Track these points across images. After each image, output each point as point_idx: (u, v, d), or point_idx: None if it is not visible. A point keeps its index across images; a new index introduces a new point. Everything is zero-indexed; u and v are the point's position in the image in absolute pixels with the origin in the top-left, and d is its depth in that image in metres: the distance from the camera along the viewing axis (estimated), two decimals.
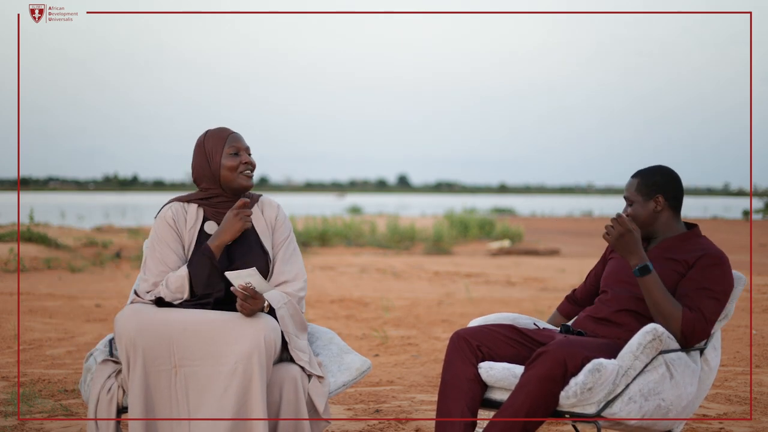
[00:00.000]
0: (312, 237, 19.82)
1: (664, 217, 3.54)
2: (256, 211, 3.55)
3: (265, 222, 3.54)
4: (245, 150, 3.51)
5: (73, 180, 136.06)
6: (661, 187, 3.52)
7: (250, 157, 3.52)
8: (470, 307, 9.25)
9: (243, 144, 3.51)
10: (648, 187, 3.52)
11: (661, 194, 3.52)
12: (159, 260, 3.42)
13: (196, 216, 3.50)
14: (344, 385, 3.50)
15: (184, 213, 3.50)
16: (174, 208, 3.50)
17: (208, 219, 3.50)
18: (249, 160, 3.50)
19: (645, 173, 3.55)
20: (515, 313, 3.77)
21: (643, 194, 3.52)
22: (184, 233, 3.47)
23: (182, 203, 3.53)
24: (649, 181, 3.53)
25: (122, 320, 3.22)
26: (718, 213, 42.70)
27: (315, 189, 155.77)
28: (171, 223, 3.46)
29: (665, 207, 3.53)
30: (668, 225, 3.54)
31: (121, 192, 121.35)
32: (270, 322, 3.22)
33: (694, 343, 3.35)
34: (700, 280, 3.38)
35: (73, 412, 4.62)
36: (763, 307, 8.21)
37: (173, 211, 3.49)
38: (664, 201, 3.52)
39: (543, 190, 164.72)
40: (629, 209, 3.55)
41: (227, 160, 3.47)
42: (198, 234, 3.47)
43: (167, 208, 3.50)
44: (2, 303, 8.76)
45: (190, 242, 3.45)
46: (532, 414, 3.14)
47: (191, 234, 3.47)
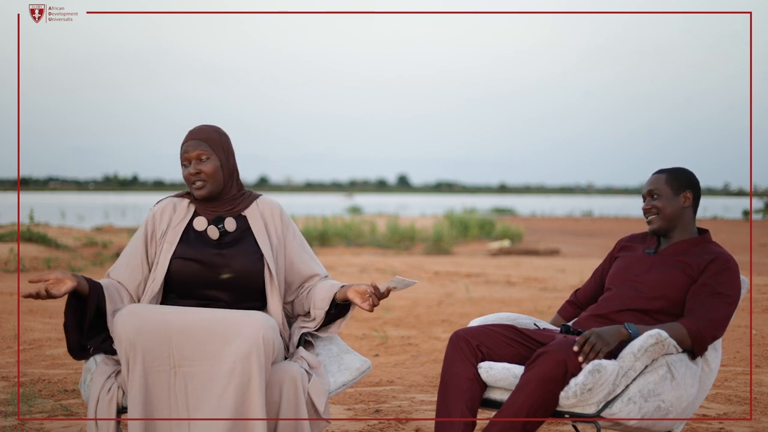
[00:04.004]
0: (312, 237, 19.81)
1: (687, 216, 3.54)
2: (253, 211, 3.54)
3: (264, 222, 3.52)
4: (195, 158, 3.41)
5: (73, 180, 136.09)
6: (689, 183, 3.54)
7: (205, 162, 3.40)
8: (470, 307, 9.24)
9: (192, 152, 3.40)
10: (678, 182, 3.53)
11: (690, 190, 3.53)
12: (128, 254, 3.48)
13: (186, 212, 3.50)
14: (344, 384, 3.50)
15: (173, 209, 3.50)
16: (164, 204, 3.52)
17: (199, 215, 3.50)
18: (196, 170, 3.40)
19: (672, 170, 3.56)
20: (515, 313, 3.77)
21: (673, 188, 3.52)
22: (167, 231, 3.46)
23: (175, 199, 3.53)
24: (678, 175, 3.54)
25: (121, 321, 3.22)
26: (718, 213, 42.68)
27: (315, 189, 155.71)
28: (150, 221, 3.48)
29: (691, 205, 3.54)
30: (686, 226, 3.55)
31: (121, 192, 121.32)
32: (268, 321, 3.21)
33: (706, 348, 3.37)
34: (713, 285, 3.39)
35: (73, 412, 4.62)
36: (763, 307, 8.21)
37: (161, 207, 3.51)
38: (692, 198, 3.53)
39: (543, 190, 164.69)
40: (654, 201, 3.54)
41: (182, 170, 3.46)
42: (185, 229, 3.46)
43: (158, 205, 3.52)
44: (2, 303, 8.77)
45: (174, 238, 3.44)
46: (533, 414, 3.14)
47: (177, 230, 3.46)
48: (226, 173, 3.46)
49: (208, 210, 3.49)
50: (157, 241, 3.47)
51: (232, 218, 3.48)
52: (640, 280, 3.50)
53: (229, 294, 3.40)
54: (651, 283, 3.48)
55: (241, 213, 3.51)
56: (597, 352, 3.18)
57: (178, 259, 3.40)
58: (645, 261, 3.57)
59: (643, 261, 3.57)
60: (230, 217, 3.48)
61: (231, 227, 3.47)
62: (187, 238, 3.44)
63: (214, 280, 3.39)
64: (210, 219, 3.47)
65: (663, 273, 3.48)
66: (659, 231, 3.55)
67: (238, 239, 3.45)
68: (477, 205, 34.63)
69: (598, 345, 3.19)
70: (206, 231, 3.45)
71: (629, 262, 3.60)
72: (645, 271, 3.54)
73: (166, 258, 3.41)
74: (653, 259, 3.55)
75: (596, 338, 3.20)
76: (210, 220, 3.47)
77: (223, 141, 3.48)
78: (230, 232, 3.46)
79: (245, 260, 3.41)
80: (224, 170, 3.45)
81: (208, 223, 3.46)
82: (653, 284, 3.47)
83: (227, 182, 3.48)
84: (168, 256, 3.41)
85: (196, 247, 3.42)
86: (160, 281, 3.40)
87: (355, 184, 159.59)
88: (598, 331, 3.22)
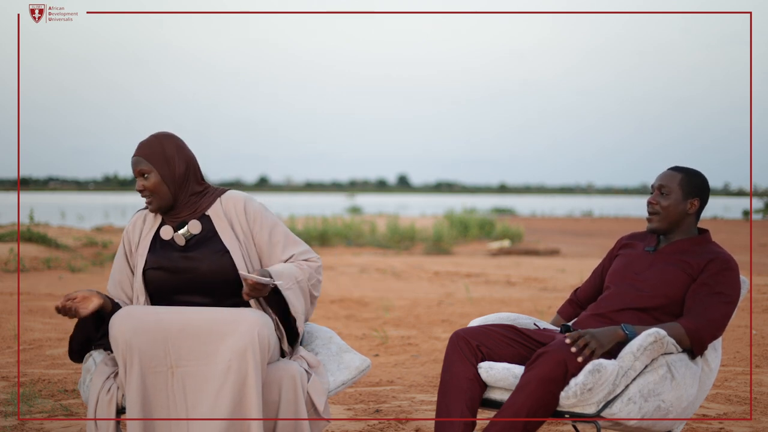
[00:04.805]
0: (312, 237, 19.82)
1: (689, 221, 3.54)
2: (216, 209, 3.50)
3: (228, 219, 3.48)
4: (138, 174, 3.43)
5: (73, 180, 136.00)
6: (700, 191, 3.53)
7: (147, 178, 3.41)
8: (470, 307, 9.24)
9: (135, 169, 3.43)
10: (690, 186, 3.51)
11: (698, 198, 3.52)
12: (116, 271, 3.52)
13: (154, 222, 3.51)
14: (344, 383, 3.50)
15: (143, 222, 3.53)
16: (135, 217, 3.55)
17: (165, 224, 3.50)
18: (141, 186, 3.42)
19: (689, 171, 3.54)
20: (515, 313, 3.77)
21: (684, 191, 3.51)
22: (139, 242, 3.49)
23: (145, 211, 3.55)
24: (693, 180, 3.52)
25: (117, 322, 3.21)
26: (718, 213, 42.68)
27: (315, 189, 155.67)
28: (125, 237, 3.52)
29: (695, 213, 3.53)
30: (687, 228, 3.55)
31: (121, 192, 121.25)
32: (263, 318, 3.21)
33: (705, 348, 3.37)
34: (712, 285, 3.39)
35: (73, 412, 4.62)
36: (763, 307, 8.21)
37: (133, 222, 3.54)
38: (698, 206, 3.53)
39: (543, 190, 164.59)
40: (662, 199, 3.53)
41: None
42: (153, 239, 3.47)
43: (131, 220, 3.56)
44: (2, 303, 8.77)
45: (145, 249, 3.46)
46: (533, 414, 3.14)
47: (146, 240, 3.48)
48: (171, 184, 3.43)
49: (172, 217, 3.49)
50: (133, 254, 3.50)
51: (195, 220, 3.46)
52: (640, 278, 3.50)
53: (204, 296, 3.39)
54: (651, 282, 3.48)
55: (204, 213, 3.50)
56: (592, 351, 3.18)
57: (149, 270, 3.42)
58: (645, 259, 3.57)
59: (643, 259, 3.57)
60: (194, 220, 3.47)
61: (196, 229, 3.45)
62: (155, 247, 3.46)
63: (186, 285, 3.39)
64: (174, 226, 3.48)
65: (663, 271, 3.48)
66: (657, 231, 3.56)
67: (203, 240, 3.44)
68: (477, 205, 34.64)
69: (592, 345, 3.18)
70: (173, 239, 3.45)
71: (629, 260, 3.60)
72: (645, 269, 3.53)
73: (139, 270, 3.44)
74: (653, 257, 3.55)
75: (590, 338, 3.20)
76: (174, 227, 3.47)
77: (166, 150, 3.44)
78: (196, 234, 3.46)
79: (211, 260, 3.39)
80: (168, 182, 3.42)
81: (174, 230, 3.47)
82: (653, 283, 3.47)
83: (177, 190, 3.45)
84: (140, 268, 3.44)
85: (162, 254, 3.42)
86: (143, 294, 3.42)
87: (355, 184, 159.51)
88: (593, 332, 3.22)
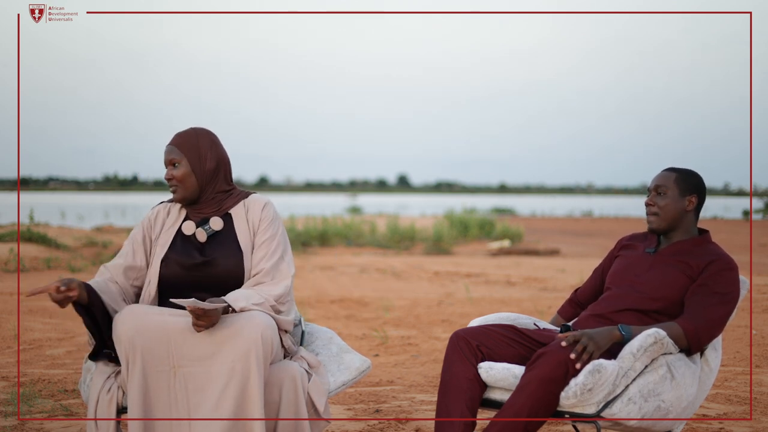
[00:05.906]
0: (312, 237, 19.82)
1: (688, 219, 3.54)
2: (239, 210, 3.52)
3: (248, 222, 3.50)
4: (168, 163, 3.46)
5: (73, 180, 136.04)
6: (696, 188, 3.53)
7: (176, 168, 3.44)
8: (470, 307, 9.24)
9: (166, 158, 3.46)
10: (686, 184, 3.52)
11: (696, 195, 3.53)
12: (124, 253, 3.48)
13: (178, 216, 3.52)
14: (344, 384, 3.50)
15: (166, 214, 3.54)
16: (158, 208, 3.56)
17: (188, 218, 3.50)
18: (169, 175, 3.45)
19: (683, 171, 3.56)
20: (515, 313, 3.77)
21: (680, 189, 3.52)
22: (160, 233, 3.49)
23: (168, 204, 3.57)
24: (688, 178, 3.53)
25: (120, 321, 3.22)
26: (718, 213, 42.68)
27: (315, 189, 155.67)
28: (146, 224, 3.52)
29: (693, 209, 3.53)
30: (687, 227, 3.55)
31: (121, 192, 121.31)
32: (267, 320, 3.21)
33: (703, 348, 3.37)
34: (711, 285, 3.39)
35: (73, 412, 4.62)
36: (763, 307, 8.21)
37: (156, 212, 3.55)
38: (696, 203, 3.53)
39: (543, 190, 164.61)
40: (659, 199, 3.53)
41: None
42: (176, 234, 3.48)
43: (154, 209, 3.57)
44: (2, 303, 8.77)
45: (166, 241, 3.46)
46: (533, 414, 3.14)
47: (169, 233, 3.48)
48: (199, 177, 3.44)
49: (195, 212, 3.50)
50: (152, 241, 3.49)
51: (218, 217, 3.48)
52: (640, 280, 3.50)
53: (215, 294, 3.38)
54: (651, 284, 3.48)
55: (227, 212, 3.51)
56: (590, 354, 3.18)
57: (165, 263, 3.42)
58: (645, 260, 3.57)
59: (643, 260, 3.57)
60: (216, 217, 3.48)
61: (218, 226, 3.46)
62: (176, 241, 3.46)
63: (199, 282, 3.39)
64: (197, 221, 3.48)
65: (663, 273, 3.48)
66: (658, 231, 3.56)
67: (222, 240, 3.45)
68: (477, 205, 34.64)
69: (590, 347, 3.18)
70: (194, 234, 3.45)
71: (629, 262, 3.60)
72: (645, 270, 3.53)
73: (157, 261, 3.44)
74: (653, 258, 3.55)
75: (588, 340, 3.20)
76: (197, 223, 3.48)
77: (200, 144, 3.46)
78: (217, 231, 3.46)
79: (227, 261, 3.41)
80: (197, 174, 3.44)
81: (195, 225, 3.47)
82: (653, 284, 3.47)
83: (205, 185, 3.46)
84: (158, 259, 3.43)
85: (181, 250, 3.43)
86: (155, 284, 3.42)
87: (355, 184, 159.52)
88: (590, 333, 3.22)
